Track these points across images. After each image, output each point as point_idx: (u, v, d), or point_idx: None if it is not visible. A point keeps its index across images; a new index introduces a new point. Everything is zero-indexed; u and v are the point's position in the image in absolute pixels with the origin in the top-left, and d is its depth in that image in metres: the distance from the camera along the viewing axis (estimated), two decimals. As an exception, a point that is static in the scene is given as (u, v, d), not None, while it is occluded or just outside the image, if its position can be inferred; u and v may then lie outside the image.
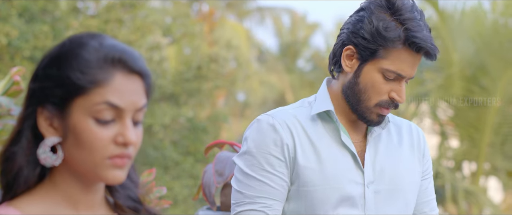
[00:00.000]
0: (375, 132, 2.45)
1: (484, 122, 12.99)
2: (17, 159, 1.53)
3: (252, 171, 2.40)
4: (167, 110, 16.32)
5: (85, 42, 1.52)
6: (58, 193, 1.55)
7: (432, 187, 2.58)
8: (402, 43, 2.35)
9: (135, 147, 1.53)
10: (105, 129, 1.50)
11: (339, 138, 2.42)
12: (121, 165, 1.51)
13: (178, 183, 15.89)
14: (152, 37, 16.00)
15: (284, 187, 2.39)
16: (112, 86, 1.50)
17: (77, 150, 1.51)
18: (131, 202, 1.61)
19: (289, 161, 2.39)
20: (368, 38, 2.36)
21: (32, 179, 1.54)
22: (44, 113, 1.52)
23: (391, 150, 2.47)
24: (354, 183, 2.39)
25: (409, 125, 2.56)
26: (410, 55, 2.36)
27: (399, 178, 2.45)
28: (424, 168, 2.55)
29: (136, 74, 1.52)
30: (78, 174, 1.54)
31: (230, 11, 24.46)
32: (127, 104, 1.51)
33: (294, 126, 2.41)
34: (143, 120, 1.56)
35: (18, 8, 14.02)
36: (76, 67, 1.49)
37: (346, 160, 2.41)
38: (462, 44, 13.21)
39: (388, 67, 2.36)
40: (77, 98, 1.49)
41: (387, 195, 2.42)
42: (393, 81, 2.37)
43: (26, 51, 13.76)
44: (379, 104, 2.38)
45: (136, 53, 1.53)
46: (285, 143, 2.38)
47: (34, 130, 1.54)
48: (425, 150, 2.56)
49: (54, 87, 1.50)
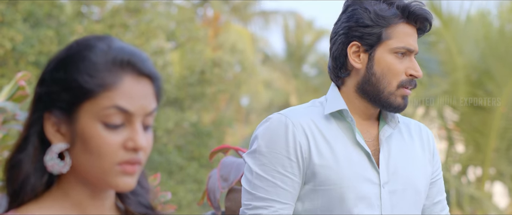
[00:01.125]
0: (387, 131, 2.45)
1: (489, 127, 12.97)
2: (24, 167, 1.48)
3: (262, 171, 2.36)
4: (171, 114, 16.32)
5: (92, 44, 1.47)
6: (66, 201, 1.51)
7: (442, 187, 2.58)
8: (400, 18, 2.40)
9: (145, 152, 1.48)
10: (114, 134, 1.45)
11: (354, 137, 2.41)
12: (131, 172, 1.47)
13: (182, 188, 15.89)
14: (156, 42, 16.00)
15: (295, 188, 2.37)
16: (121, 90, 1.45)
17: (85, 156, 1.46)
18: (142, 208, 1.57)
19: (302, 161, 2.36)
20: (370, 24, 2.39)
21: (39, 187, 1.49)
22: (51, 118, 1.47)
23: (403, 150, 2.48)
24: (370, 183, 2.39)
25: (418, 125, 2.57)
26: (411, 28, 2.42)
27: (412, 178, 2.45)
28: (434, 168, 2.55)
29: (146, 77, 1.48)
30: (87, 181, 1.49)
31: (235, 15, 24.47)
32: (137, 108, 1.46)
33: (308, 125, 2.38)
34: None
35: (22, 13, 14.05)
36: (84, 70, 1.44)
37: (361, 160, 2.40)
38: (468, 49, 13.19)
39: (397, 45, 2.40)
40: (85, 103, 1.45)
41: (402, 195, 2.42)
42: (405, 59, 2.42)
43: (31, 56, 13.78)
44: (401, 85, 2.41)
45: (145, 56, 1.49)
46: (298, 142, 2.36)
47: (41, 136, 1.49)
48: (434, 151, 2.57)
49: (61, 92, 1.46)
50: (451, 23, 13.17)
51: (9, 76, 13.26)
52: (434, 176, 2.55)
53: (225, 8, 23.60)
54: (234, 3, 23.79)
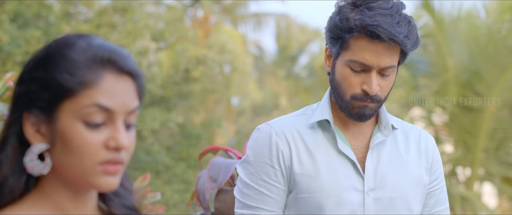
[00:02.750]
0: (377, 138, 2.43)
1: (479, 127, 13.00)
2: (2, 168, 1.44)
3: (250, 180, 2.43)
4: (157, 115, 16.28)
5: (72, 42, 1.44)
6: (47, 203, 1.47)
7: (442, 198, 2.53)
8: (358, 31, 2.33)
9: (127, 151, 1.45)
10: (95, 133, 1.41)
11: (337, 146, 2.41)
12: (114, 172, 1.43)
13: (169, 188, 15.87)
14: (141, 42, 15.97)
15: (280, 195, 2.41)
16: (102, 88, 1.41)
17: (66, 157, 1.42)
18: (126, 210, 1.54)
19: (285, 169, 2.40)
20: (330, 34, 2.38)
21: (18, 188, 1.45)
22: (30, 119, 1.44)
23: (395, 158, 2.45)
24: (353, 190, 2.38)
25: (418, 133, 2.52)
26: (370, 42, 2.32)
27: (401, 186, 2.42)
28: (432, 177, 2.50)
29: (127, 75, 1.45)
30: (68, 182, 1.46)
31: (226, 16, 24.45)
32: (118, 106, 1.43)
33: (291, 134, 2.41)
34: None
35: (9, 14, 14.00)
36: (63, 68, 1.41)
37: (345, 167, 2.40)
38: (457, 50, 13.22)
39: (351, 58, 2.35)
40: (65, 102, 1.41)
41: (388, 203, 2.40)
42: (363, 73, 2.35)
43: (18, 56, 13.73)
44: (354, 97, 2.36)
45: (126, 53, 1.46)
46: (281, 150, 2.40)
47: (20, 137, 1.45)
48: (434, 159, 2.51)
49: (40, 91, 1.42)
50: (441, 24, 13.20)
51: (-4, 77, 13.20)
52: (432, 185, 2.50)
53: (216, 9, 23.59)
54: (224, 4, 23.79)
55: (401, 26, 2.32)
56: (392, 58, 2.35)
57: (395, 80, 2.43)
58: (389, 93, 2.44)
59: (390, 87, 2.40)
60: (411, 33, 2.34)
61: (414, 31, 2.36)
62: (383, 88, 2.37)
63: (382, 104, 2.42)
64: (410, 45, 2.34)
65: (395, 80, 2.44)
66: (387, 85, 2.38)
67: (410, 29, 2.34)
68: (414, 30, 2.36)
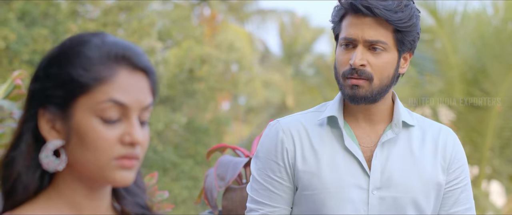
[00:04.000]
0: (386, 136, 2.41)
1: (486, 126, 12.98)
2: (16, 165, 1.45)
3: (257, 175, 2.46)
4: (161, 116, 16.29)
5: (86, 40, 1.45)
6: (62, 200, 1.47)
7: (463, 199, 2.47)
8: (345, 9, 2.39)
9: (142, 147, 1.45)
10: (110, 128, 1.42)
11: (344, 143, 2.41)
12: (129, 166, 1.44)
13: (177, 185, 15.89)
14: (147, 41, 15.98)
15: (286, 192, 2.43)
16: (117, 83, 1.42)
17: (81, 152, 1.43)
18: (139, 208, 1.54)
19: (289, 166, 2.42)
20: (332, 19, 2.44)
21: (32, 185, 1.45)
22: (45, 115, 1.44)
23: (406, 156, 2.41)
24: (357, 188, 2.37)
25: (438, 130, 2.47)
26: (354, 17, 2.37)
27: (410, 185, 2.39)
28: (451, 177, 2.45)
29: (141, 71, 1.45)
30: (84, 178, 1.46)
31: (232, 14, 24.45)
32: (133, 102, 1.43)
33: (297, 131, 2.43)
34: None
35: (17, 12, 14.03)
36: (78, 64, 1.42)
37: (350, 165, 2.39)
38: (463, 48, 13.20)
39: (341, 37, 2.40)
40: (80, 97, 1.42)
41: (394, 203, 2.38)
42: (351, 50, 2.38)
43: (25, 55, 13.76)
44: (344, 76, 2.37)
45: (139, 50, 1.47)
46: (285, 148, 2.42)
47: (35, 133, 1.46)
48: (454, 158, 2.45)
49: (55, 87, 1.43)
50: (446, 22, 13.17)
51: (3, 76, 13.23)
52: (451, 185, 2.45)
53: (222, 8, 23.59)
54: (231, 2, 23.79)
55: (388, 2, 2.35)
56: (379, 33, 2.36)
57: (398, 65, 2.41)
58: (391, 79, 2.40)
59: (383, 66, 2.37)
60: (401, 10, 2.35)
61: (407, 10, 2.36)
62: (373, 66, 2.36)
63: (383, 89, 2.38)
64: (396, 19, 2.34)
65: (399, 66, 2.41)
66: (378, 63, 2.36)
67: (401, 7, 2.36)
68: (407, 10, 2.36)
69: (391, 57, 2.38)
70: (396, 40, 2.38)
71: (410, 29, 2.37)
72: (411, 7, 2.38)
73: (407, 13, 2.36)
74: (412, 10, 2.38)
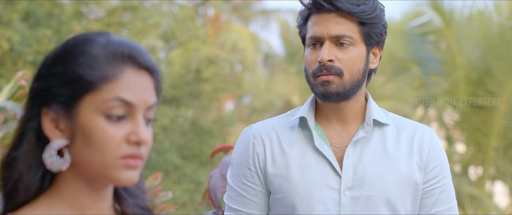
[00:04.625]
0: (358, 135, 2.38)
1: (490, 126, 12.97)
2: (18, 165, 1.44)
3: (232, 182, 2.46)
4: (167, 111, 16.32)
5: (91, 38, 1.45)
6: (63, 201, 1.46)
7: (443, 198, 2.43)
8: (308, 9, 2.39)
9: (147, 146, 1.45)
10: (116, 127, 1.42)
11: (314, 144, 2.39)
12: (134, 166, 1.43)
13: (178, 188, 15.89)
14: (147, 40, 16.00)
15: (259, 197, 2.43)
16: (123, 82, 1.42)
17: (87, 151, 1.42)
18: (139, 210, 1.53)
19: (261, 171, 2.42)
20: (299, 20, 2.44)
21: (33, 185, 1.44)
22: (49, 114, 1.43)
23: (379, 155, 2.38)
24: (328, 189, 2.35)
25: (414, 129, 2.43)
26: (318, 16, 2.37)
27: (383, 184, 2.35)
28: (429, 176, 2.41)
29: (146, 70, 1.46)
30: (87, 178, 1.45)
31: (236, 14, 24.46)
32: (139, 100, 1.43)
33: (268, 135, 2.43)
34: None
35: (20, 13, 14.04)
36: (84, 63, 1.42)
37: (321, 166, 2.37)
38: (468, 48, 13.20)
39: (308, 36, 2.39)
40: (86, 96, 1.41)
41: (367, 202, 2.35)
42: (319, 48, 2.37)
43: (29, 55, 13.77)
44: (314, 74, 2.36)
45: (144, 49, 1.47)
46: (256, 152, 2.42)
47: (37, 133, 1.45)
48: (431, 157, 2.41)
49: (60, 86, 1.42)
50: (452, 22, 13.17)
51: (7, 76, 13.26)
52: (429, 184, 2.41)
53: (226, 8, 23.60)
54: (235, 2, 23.79)
55: None
56: (344, 27, 2.35)
57: (368, 60, 2.40)
58: (362, 74, 2.38)
59: (352, 61, 2.36)
60: (364, 3, 2.35)
61: (369, 3, 2.36)
62: (342, 60, 2.34)
63: (354, 84, 2.36)
64: (359, 12, 2.34)
65: (368, 60, 2.40)
66: (347, 58, 2.35)
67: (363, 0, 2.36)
68: (370, 2, 2.36)
69: (359, 51, 2.37)
70: (362, 33, 2.37)
71: (375, 21, 2.37)
72: (373, 0, 2.38)
73: (370, 5, 2.36)
74: (375, 3, 2.38)
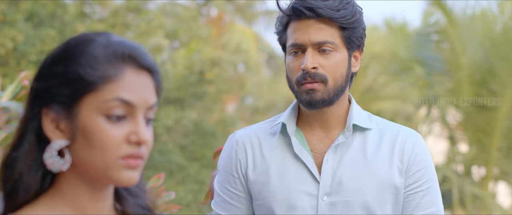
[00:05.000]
0: (337, 140, 2.36)
1: (493, 126, 12.96)
2: (18, 165, 1.44)
3: (218, 188, 2.47)
4: (171, 112, 16.33)
5: (91, 39, 1.45)
6: (64, 202, 1.46)
7: (429, 201, 2.39)
8: (288, 16, 2.37)
9: (148, 146, 1.45)
10: (117, 127, 1.42)
11: (293, 150, 2.38)
12: (135, 166, 1.43)
13: (182, 188, 15.90)
14: (154, 39, 16.01)
15: (242, 203, 2.43)
16: (123, 82, 1.42)
17: (87, 152, 1.42)
18: (141, 210, 1.54)
19: (243, 177, 2.42)
20: (278, 28, 2.41)
21: (33, 186, 1.44)
22: (49, 114, 1.43)
23: (358, 160, 2.36)
24: (306, 195, 2.34)
25: (396, 132, 2.41)
26: (298, 23, 2.35)
27: (360, 189, 2.33)
28: (410, 180, 2.37)
29: (146, 71, 1.46)
30: (87, 179, 1.45)
31: (239, 15, 24.46)
32: (139, 100, 1.43)
33: (251, 142, 2.43)
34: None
35: (24, 13, 14.06)
36: (85, 63, 1.42)
37: (300, 172, 2.36)
38: (471, 48, 13.18)
39: (288, 44, 2.37)
40: (87, 96, 1.41)
41: (344, 208, 2.33)
42: (301, 55, 2.35)
43: (33, 55, 13.79)
44: (298, 82, 2.34)
45: (144, 49, 1.47)
46: (239, 159, 2.42)
47: (38, 133, 1.45)
48: (414, 161, 2.38)
49: (61, 86, 1.42)
50: (455, 22, 13.17)
51: (11, 76, 13.27)
52: (411, 188, 2.37)
53: (229, 8, 23.60)
54: (238, 2, 23.79)
55: (330, 1, 2.33)
56: (325, 33, 2.34)
57: (350, 63, 2.38)
58: (346, 79, 2.37)
59: (336, 66, 2.34)
60: (343, 8, 2.34)
61: (349, 7, 2.35)
62: (325, 67, 2.33)
63: (338, 90, 2.35)
64: (339, 17, 2.32)
65: (350, 64, 2.39)
66: (330, 64, 2.34)
67: (343, 4, 2.34)
68: (349, 6, 2.35)
69: (341, 56, 2.36)
70: (343, 38, 2.36)
71: (355, 26, 2.36)
72: (352, 4, 2.37)
73: (350, 10, 2.35)
74: (354, 7, 2.37)
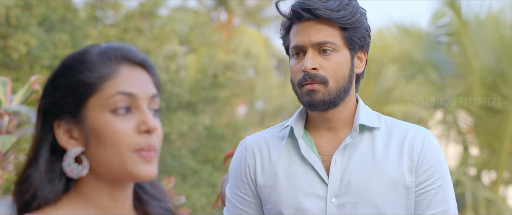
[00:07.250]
0: (345, 142, 2.35)
1: (504, 130, 12.93)
2: (33, 179, 1.51)
3: (229, 194, 2.48)
4: (184, 118, 16.36)
5: (85, 50, 1.55)
6: (85, 202, 1.53)
7: (441, 199, 2.37)
8: (289, 19, 2.37)
9: (158, 136, 1.51)
10: (125, 121, 1.50)
11: (301, 153, 2.38)
12: (149, 158, 1.50)
13: (196, 191, 15.92)
14: (169, 46, 16.04)
15: (252, 208, 2.44)
16: (121, 78, 1.51)
17: (102, 151, 1.49)
18: (163, 212, 1.60)
19: (252, 182, 2.43)
20: (281, 31, 2.42)
21: (54, 193, 1.51)
22: (61, 126, 1.52)
23: (367, 160, 2.34)
24: (314, 197, 2.33)
25: (405, 131, 2.39)
26: (299, 25, 2.36)
27: (370, 190, 2.32)
28: (421, 178, 2.35)
29: (140, 66, 1.55)
30: (107, 180, 1.52)
31: (249, 19, 24.49)
32: (140, 91, 1.52)
33: (259, 147, 2.43)
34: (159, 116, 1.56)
35: (37, 18, 14.12)
36: (82, 69, 1.52)
37: (308, 174, 2.36)
38: (483, 52, 13.16)
39: (291, 46, 2.37)
40: (90, 99, 1.50)
41: (353, 209, 2.32)
42: (303, 57, 2.35)
43: (45, 60, 13.85)
44: (299, 84, 2.34)
45: (133, 47, 1.56)
46: (247, 164, 2.43)
47: (52, 146, 1.53)
48: (424, 158, 2.36)
49: (65, 96, 1.51)
50: (468, 25, 13.15)
51: (23, 80, 13.34)
52: (422, 187, 2.35)
53: (239, 12, 23.63)
54: (248, 7, 23.81)
55: (329, 2, 2.33)
56: (325, 34, 2.33)
57: (353, 64, 2.37)
58: (348, 80, 2.36)
59: (336, 67, 2.34)
60: (343, 8, 2.33)
61: (349, 8, 2.34)
62: (326, 67, 2.32)
63: (340, 91, 2.34)
64: (338, 17, 2.32)
65: (353, 65, 2.38)
66: (331, 65, 2.33)
67: (343, 5, 2.34)
68: (349, 7, 2.34)
69: (343, 57, 2.35)
70: (344, 39, 2.34)
71: (356, 26, 2.34)
72: (353, 5, 2.36)
73: (350, 10, 2.34)
74: (354, 8, 2.35)
